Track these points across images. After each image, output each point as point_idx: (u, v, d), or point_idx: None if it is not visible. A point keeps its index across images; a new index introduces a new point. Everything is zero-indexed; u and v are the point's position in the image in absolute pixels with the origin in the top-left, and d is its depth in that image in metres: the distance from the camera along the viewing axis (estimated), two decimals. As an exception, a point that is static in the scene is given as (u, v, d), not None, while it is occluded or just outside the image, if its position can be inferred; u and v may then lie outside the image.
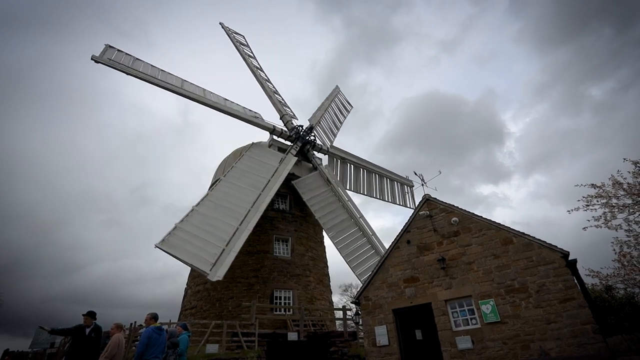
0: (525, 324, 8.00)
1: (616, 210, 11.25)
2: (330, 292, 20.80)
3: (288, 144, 21.65)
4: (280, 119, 22.76)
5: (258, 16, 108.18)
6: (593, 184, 11.85)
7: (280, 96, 24.43)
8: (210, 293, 17.14)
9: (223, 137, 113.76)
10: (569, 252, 8.13)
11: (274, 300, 16.93)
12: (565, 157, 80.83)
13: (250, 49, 26.37)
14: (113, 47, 17.14)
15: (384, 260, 10.85)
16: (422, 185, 12.27)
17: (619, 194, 11.41)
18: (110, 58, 16.32)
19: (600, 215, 11.44)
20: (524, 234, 8.90)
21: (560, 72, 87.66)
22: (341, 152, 24.21)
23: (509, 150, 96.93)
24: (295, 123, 22.74)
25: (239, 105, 21.31)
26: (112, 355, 5.75)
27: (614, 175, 11.64)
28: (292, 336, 13.46)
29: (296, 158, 19.83)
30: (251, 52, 26.14)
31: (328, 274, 21.39)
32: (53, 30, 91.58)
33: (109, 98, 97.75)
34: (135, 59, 17.71)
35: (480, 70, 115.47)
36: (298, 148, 21.18)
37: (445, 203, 10.51)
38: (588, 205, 11.68)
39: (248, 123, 20.55)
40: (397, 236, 10.93)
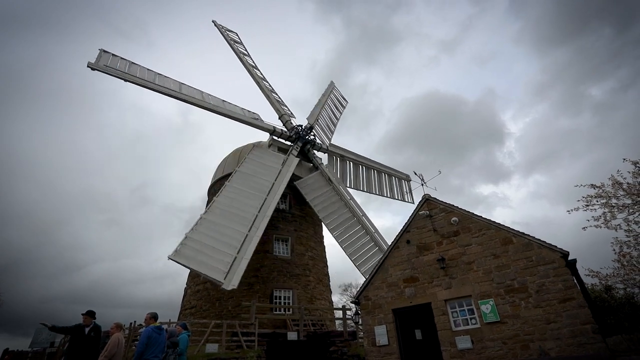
0: (525, 324, 8.00)
1: (616, 210, 11.26)
2: (330, 292, 20.83)
3: (288, 143, 21.67)
4: (279, 119, 22.77)
5: (258, 16, 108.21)
6: (593, 184, 11.85)
7: (277, 95, 24.37)
8: (210, 292, 17.15)
9: (223, 137, 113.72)
10: (568, 252, 8.14)
11: (274, 300, 16.94)
12: (565, 157, 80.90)
13: (244, 47, 26.11)
14: (107, 52, 16.73)
15: (383, 260, 10.86)
16: (422, 185, 12.26)
17: (618, 194, 11.41)
18: (106, 64, 15.92)
19: (600, 215, 11.45)
20: (523, 233, 8.91)
21: (560, 72, 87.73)
22: (340, 150, 24.28)
23: (509, 150, 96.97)
24: (293, 122, 22.75)
25: (238, 107, 21.24)
26: (112, 355, 5.75)
27: (613, 176, 11.65)
28: (292, 336, 13.47)
29: (298, 159, 19.85)
30: (245, 50, 25.90)
31: (328, 273, 21.41)
32: (53, 30, 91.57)
33: (109, 98, 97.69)
34: (131, 63, 17.42)
35: (480, 70, 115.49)
36: (299, 148, 21.20)
37: (445, 203, 10.51)
38: (588, 205, 11.68)
39: (248, 125, 20.54)
40: (397, 236, 10.93)
